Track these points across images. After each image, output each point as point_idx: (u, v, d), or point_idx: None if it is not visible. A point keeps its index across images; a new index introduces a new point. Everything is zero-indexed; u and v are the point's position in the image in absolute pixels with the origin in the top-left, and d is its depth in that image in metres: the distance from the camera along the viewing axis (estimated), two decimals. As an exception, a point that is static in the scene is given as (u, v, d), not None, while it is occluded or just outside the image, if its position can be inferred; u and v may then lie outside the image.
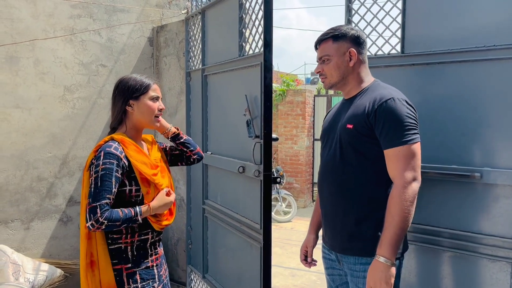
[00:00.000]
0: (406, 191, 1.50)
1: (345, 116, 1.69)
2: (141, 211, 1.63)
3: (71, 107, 3.50)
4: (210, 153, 2.98)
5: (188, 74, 3.43)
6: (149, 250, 1.75)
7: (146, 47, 3.90)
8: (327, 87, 1.79)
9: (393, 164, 1.55)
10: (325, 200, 1.77)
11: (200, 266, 3.23)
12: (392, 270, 1.49)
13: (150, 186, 1.69)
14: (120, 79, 1.77)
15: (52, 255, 3.44)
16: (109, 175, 1.58)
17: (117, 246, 1.68)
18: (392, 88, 1.68)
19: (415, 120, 1.59)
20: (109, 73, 3.70)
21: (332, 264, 1.80)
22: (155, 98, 1.75)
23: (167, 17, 4.02)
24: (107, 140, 1.67)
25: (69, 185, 3.53)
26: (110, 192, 1.58)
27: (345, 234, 1.68)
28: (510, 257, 1.88)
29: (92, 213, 1.54)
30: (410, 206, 1.50)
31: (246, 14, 2.42)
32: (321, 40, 1.75)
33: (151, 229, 1.74)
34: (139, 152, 1.70)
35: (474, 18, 1.95)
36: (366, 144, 1.61)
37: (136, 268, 1.69)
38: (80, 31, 3.50)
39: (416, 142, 1.55)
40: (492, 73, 1.91)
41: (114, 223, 1.56)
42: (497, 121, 1.89)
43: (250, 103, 2.28)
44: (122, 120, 1.74)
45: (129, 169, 1.65)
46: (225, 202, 2.75)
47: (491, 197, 1.92)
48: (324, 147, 1.79)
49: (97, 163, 1.60)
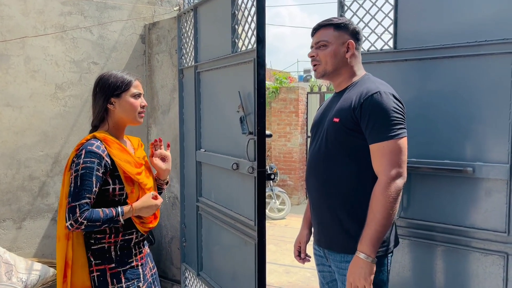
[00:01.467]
0: (389, 187, 1.47)
1: (333, 110, 1.66)
2: (123, 212, 1.60)
3: (62, 105, 3.47)
4: (203, 151, 2.97)
5: (181, 71, 3.41)
6: (133, 250, 1.72)
7: (138, 44, 3.87)
8: (318, 76, 1.74)
9: (378, 160, 1.52)
10: (311, 195, 1.75)
11: (194, 263, 3.22)
12: (372, 266, 1.47)
13: (134, 185, 1.66)
14: (100, 76, 1.72)
15: (45, 255, 3.42)
16: (90, 174, 1.54)
17: (100, 246, 1.64)
18: (380, 82, 1.66)
19: (402, 115, 1.55)
20: (100, 71, 3.66)
21: (322, 260, 1.79)
22: (137, 95, 1.71)
23: (159, 14, 3.99)
24: (89, 138, 1.64)
25: (60, 184, 3.49)
26: (90, 191, 1.54)
27: (330, 230, 1.66)
28: (502, 251, 1.90)
29: (71, 213, 1.51)
30: (393, 203, 1.47)
31: (238, 10, 2.41)
32: (322, 25, 1.72)
33: (135, 229, 1.71)
34: (123, 151, 1.66)
35: (465, 14, 1.96)
36: (351, 139, 1.57)
37: (120, 267, 1.65)
38: (71, 29, 3.46)
39: (403, 137, 1.51)
40: (484, 69, 1.92)
41: (94, 223, 1.53)
42: (488, 116, 1.90)
43: (243, 100, 2.27)
44: (104, 118, 1.71)
45: (113, 168, 1.62)
46: (219, 199, 2.75)
47: (483, 191, 1.94)
48: (312, 141, 1.77)
49: (78, 162, 1.56)
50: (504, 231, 1.89)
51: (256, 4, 2.06)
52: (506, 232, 1.88)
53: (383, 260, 1.59)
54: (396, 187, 1.48)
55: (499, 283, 1.91)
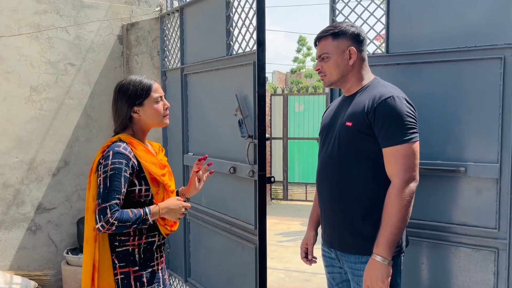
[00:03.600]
0: (403, 191, 1.50)
1: (345, 114, 1.67)
2: (150, 211, 1.60)
3: (38, 109, 3.30)
4: (192, 154, 2.92)
5: (164, 73, 3.34)
6: (155, 253, 1.72)
7: (116, 45, 3.76)
8: (326, 85, 1.77)
9: (392, 163, 1.55)
10: (323, 198, 1.76)
11: (181, 270, 3.16)
12: (389, 269, 1.51)
13: (159, 187, 1.68)
14: (118, 84, 1.71)
15: (20, 267, 3.23)
16: (118, 175, 1.55)
17: (124, 248, 1.64)
18: (392, 86, 1.69)
19: (415, 119, 1.60)
20: (77, 72, 3.52)
21: (332, 262, 1.81)
22: (159, 99, 1.71)
23: (137, 14, 3.89)
24: (115, 140, 1.64)
25: (37, 192, 3.32)
26: (119, 192, 1.54)
27: (344, 232, 1.68)
28: (493, 246, 1.98)
29: (102, 214, 1.50)
30: (407, 206, 1.51)
31: (234, 13, 2.39)
32: (320, 37, 1.73)
33: (157, 231, 1.71)
34: (148, 153, 1.68)
35: (456, 19, 2.03)
36: (364, 142, 1.60)
37: (143, 271, 1.66)
38: (47, 28, 3.31)
39: (416, 141, 1.56)
40: (474, 73, 2.00)
41: (124, 224, 1.53)
42: (479, 118, 1.98)
43: (240, 103, 2.25)
44: (127, 126, 1.70)
45: (139, 169, 1.63)
46: (211, 203, 2.71)
47: (474, 190, 2.02)
48: (322, 145, 1.77)
49: (106, 163, 1.56)
50: (494, 228, 1.97)
51: (256, 6, 2.05)
52: (497, 228, 1.97)
53: (397, 260, 1.63)
54: (410, 190, 1.52)
55: (490, 277, 2.00)
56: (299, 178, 8.14)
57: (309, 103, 8.03)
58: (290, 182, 8.14)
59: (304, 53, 16.30)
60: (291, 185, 8.26)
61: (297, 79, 17.66)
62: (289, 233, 5.77)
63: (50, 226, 3.41)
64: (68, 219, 3.48)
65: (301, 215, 6.74)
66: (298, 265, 4.41)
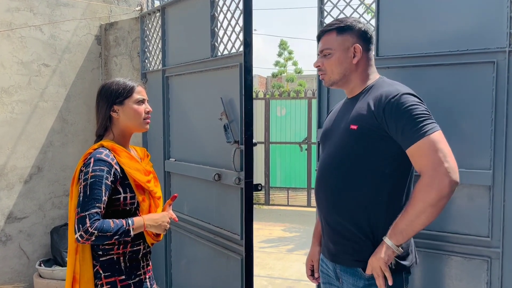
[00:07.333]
0: (430, 188, 1.32)
1: (349, 117, 1.54)
2: (133, 222, 1.54)
3: (9, 111, 3.11)
4: (173, 160, 2.80)
5: (144, 75, 3.21)
6: (141, 262, 1.67)
7: (94, 45, 3.60)
8: (326, 84, 1.63)
9: (419, 161, 1.37)
10: (322, 206, 1.62)
11: (162, 280, 3.02)
12: (393, 254, 1.42)
13: (145, 193, 1.63)
14: (102, 84, 1.69)
15: (-11, 280, 3.04)
16: (99, 183, 1.49)
17: (109, 257, 1.58)
18: (398, 84, 1.55)
19: (427, 110, 1.45)
20: (52, 74, 3.35)
21: (330, 279, 1.68)
22: (141, 101, 1.66)
23: (116, 14, 3.74)
24: (97, 147, 1.59)
25: (8, 200, 3.13)
26: (100, 200, 1.48)
27: (343, 243, 1.55)
28: (486, 255, 1.94)
29: (81, 224, 1.44)
30: (435, 200, 1.33)
31: (219, 12, 2.29)
32: (324, 31, 1.60)
33: (142, 239, 1.66)
34: (132, 159, 1.63)
35: (447, 23, 1.99)
36: (370, 147, 1.47)
37: (130, 280, 1.61)
38: (19, 26, 3.13)
39: (435, 131, 1.38)
40: (466, 77, 1.96)
41: (105, 234, 1.46)
42: (471, 124, 1.94)
43: (226, 106, 2.15)
44: (107, 127, 1.66)
45: (123, 176, 1.57)
46: (194, 212, 2.59)
47: (466, 198, 1.98)
48: (323, 150, 1.65)
49: (86, 171, 1.51)
50: (487, 236, 1.93)
51: (243, 7, 1.96)
52: (489, 237, 1.93)
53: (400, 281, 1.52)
54: (439, 189, 1.34)
55: (483, 286, 1.96)
56: (281, 183, 8.07)
57: (291, 107, 7.99)
58: (271, 187, 8.06)
59: (286, 57, 16.32)
60: (273, 189, 8.18)
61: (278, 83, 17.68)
62: (272, 239, 5.67)
63: (21, 237, 3.22)
64: (41, 228, 3.28)
65: (283, 220, 6.65)
66: (280, 271, 4.32)
